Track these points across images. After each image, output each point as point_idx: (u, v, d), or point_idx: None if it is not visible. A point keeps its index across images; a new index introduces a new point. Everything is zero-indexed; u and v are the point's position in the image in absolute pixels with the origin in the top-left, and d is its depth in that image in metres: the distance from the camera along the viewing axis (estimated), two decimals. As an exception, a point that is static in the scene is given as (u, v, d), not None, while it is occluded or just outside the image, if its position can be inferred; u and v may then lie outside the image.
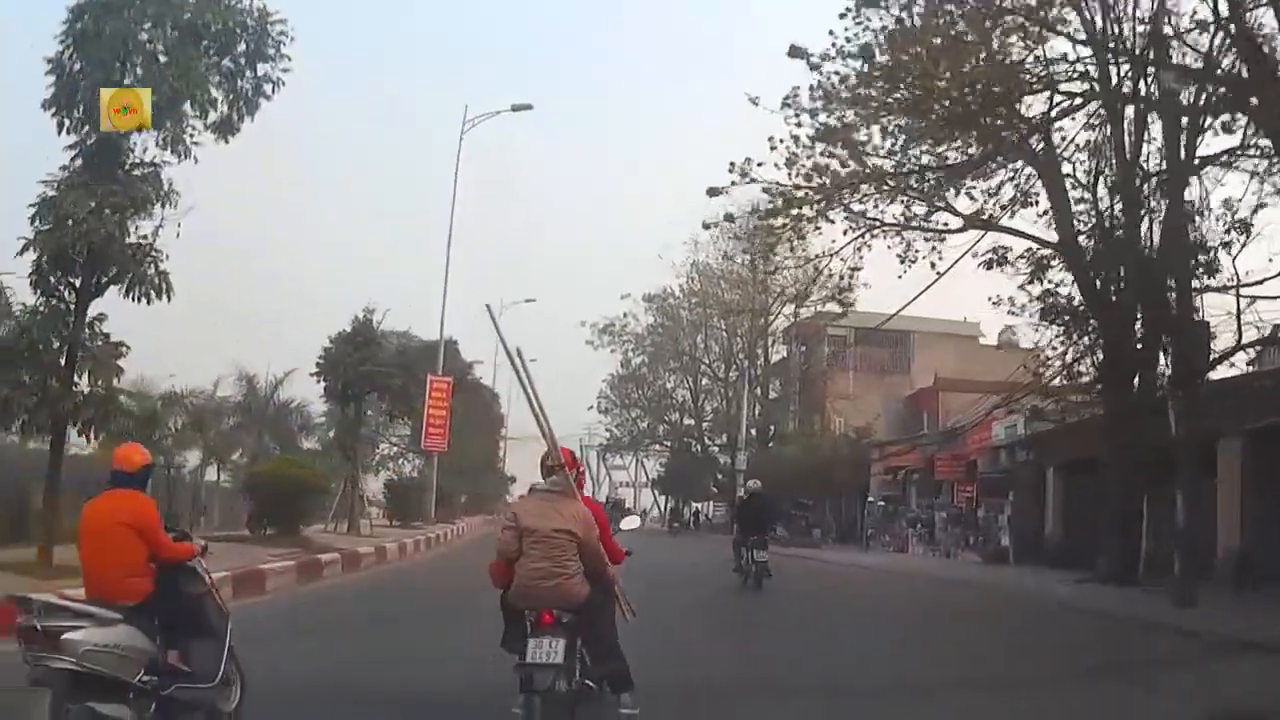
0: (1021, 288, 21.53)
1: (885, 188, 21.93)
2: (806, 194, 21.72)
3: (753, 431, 51.54)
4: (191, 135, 13.83)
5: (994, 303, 21.54)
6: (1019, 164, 22.46)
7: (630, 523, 9.79)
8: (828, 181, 21.48)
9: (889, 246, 23.05)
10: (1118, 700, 9.50)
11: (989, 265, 22.22)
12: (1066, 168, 22.04)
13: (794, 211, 22.15)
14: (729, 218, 25.34)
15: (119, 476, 6.46)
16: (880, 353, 57.93)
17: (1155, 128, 20.16)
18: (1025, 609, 18.81)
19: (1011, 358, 57.29)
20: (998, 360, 53.90)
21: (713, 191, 22.04)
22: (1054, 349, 21.71)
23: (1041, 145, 22.03)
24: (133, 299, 13.41)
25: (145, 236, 13.61)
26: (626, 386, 61.21)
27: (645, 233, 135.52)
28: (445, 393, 34.06)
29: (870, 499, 42.53)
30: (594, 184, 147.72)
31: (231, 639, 6.55)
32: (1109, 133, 21.28)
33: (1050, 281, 21.70)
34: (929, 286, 24.40)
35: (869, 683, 10.05)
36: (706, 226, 20.59)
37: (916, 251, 23.07)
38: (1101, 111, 21.11)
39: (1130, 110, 20.63)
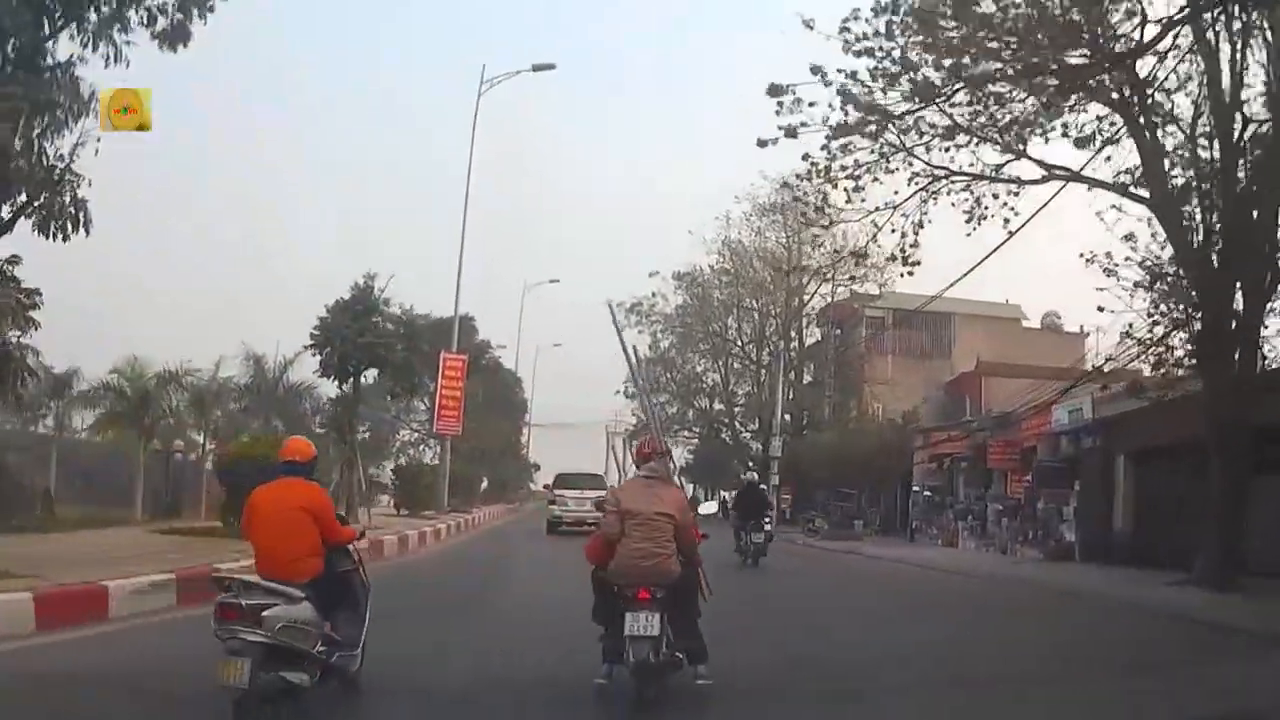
0: (1126, 239, 18.64)
1: (952, 129, 19.07)
2: (869, 131, 18.95)
3: (786, 417, 48.68)
4: (126, 38, 11.22)
5: (1086, 260, 18.54)
6: (1104, 110, 19.55)
7: (708, 508, 11.87)
8: (889, 123, 18.73)
9: (953, 204, 20.18)
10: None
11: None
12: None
13: (849, 159, 19.34)
14: (796, 183, 22.04)
15: (291, 466, 7.27)
16: (918, 336, 55.42)
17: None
18: (1110, 614, 16.19)
19: (1058, 341, 56.02)
20: (1042, 343, 53.06)
21: (762, 143, 19.25)
22: (1147, 316, 18.73)
23: (1127, 86, 19.15)
24: (46, 235, 10.85)
25: (61, 156, 11.05)
26: (654, 369, 58.47)
27: (675, 209, 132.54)
28: (460, 371, 31.67)
29: (916, 489, 39.75)
30: (620, 157, 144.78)
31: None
32: (1203, 68, 18.46)
33: (1138, 243, 18.88)
34: (999, 247, 21.53)
35: (910, 680, 9.00)
36: (762, 144, 17.77)
37: (985, 209, 20.19)
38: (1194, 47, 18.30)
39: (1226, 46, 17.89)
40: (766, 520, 23.62)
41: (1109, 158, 19.52)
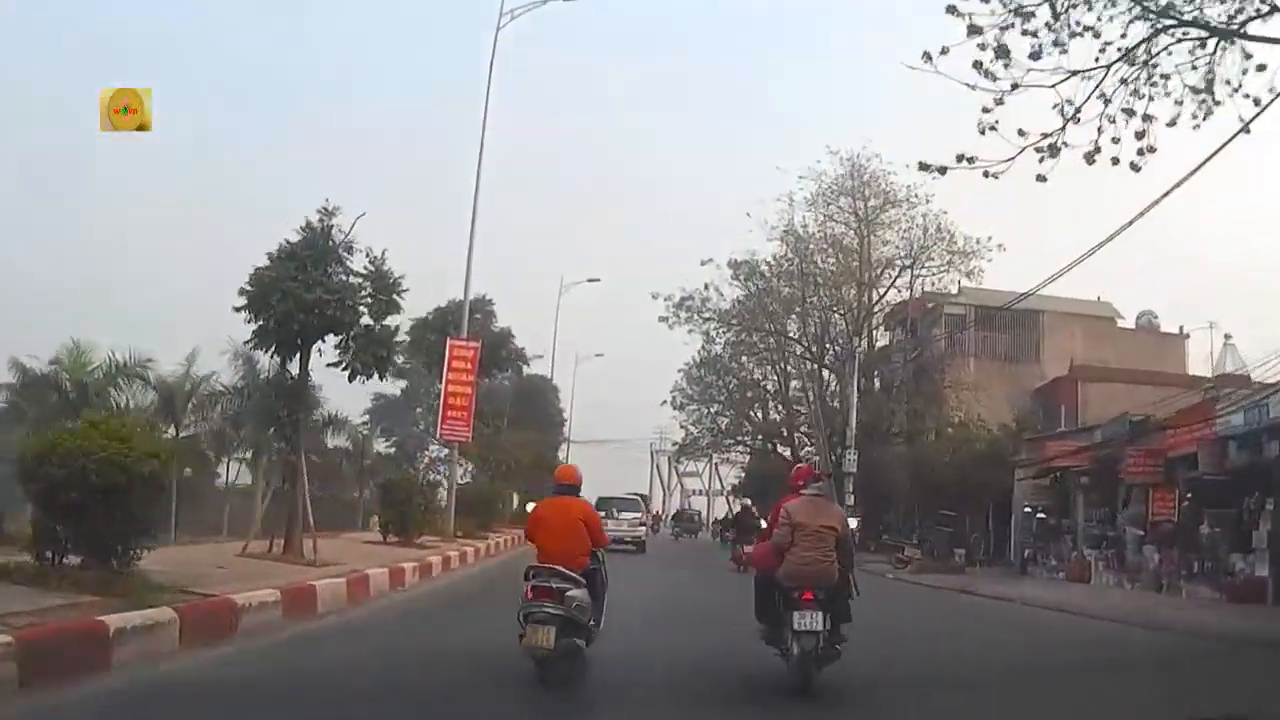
0: None
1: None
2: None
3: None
4: None
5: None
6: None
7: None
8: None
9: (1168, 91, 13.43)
10: None
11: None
12: None
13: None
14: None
15: (565, 487, 9.71)
16: (1002, 337, 48.76)
17: None
18: None
19: (1156, 342, 49.21)
20: (1137, 345, 46.29)
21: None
22: None
23: None
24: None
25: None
26: (707, 376, 51.90)
27: (729, 193, 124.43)
28: (470, 362, 25.60)
29: (1027, 509, 32.98)
30: (668, 133, 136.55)
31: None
32: None
33: None
34: (1230, 141, 14.64)
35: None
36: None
37: (1214, 97, 13.41)
38: None
39: None
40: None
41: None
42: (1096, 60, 12.87)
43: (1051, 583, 27.77)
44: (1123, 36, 12.87)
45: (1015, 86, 12.53)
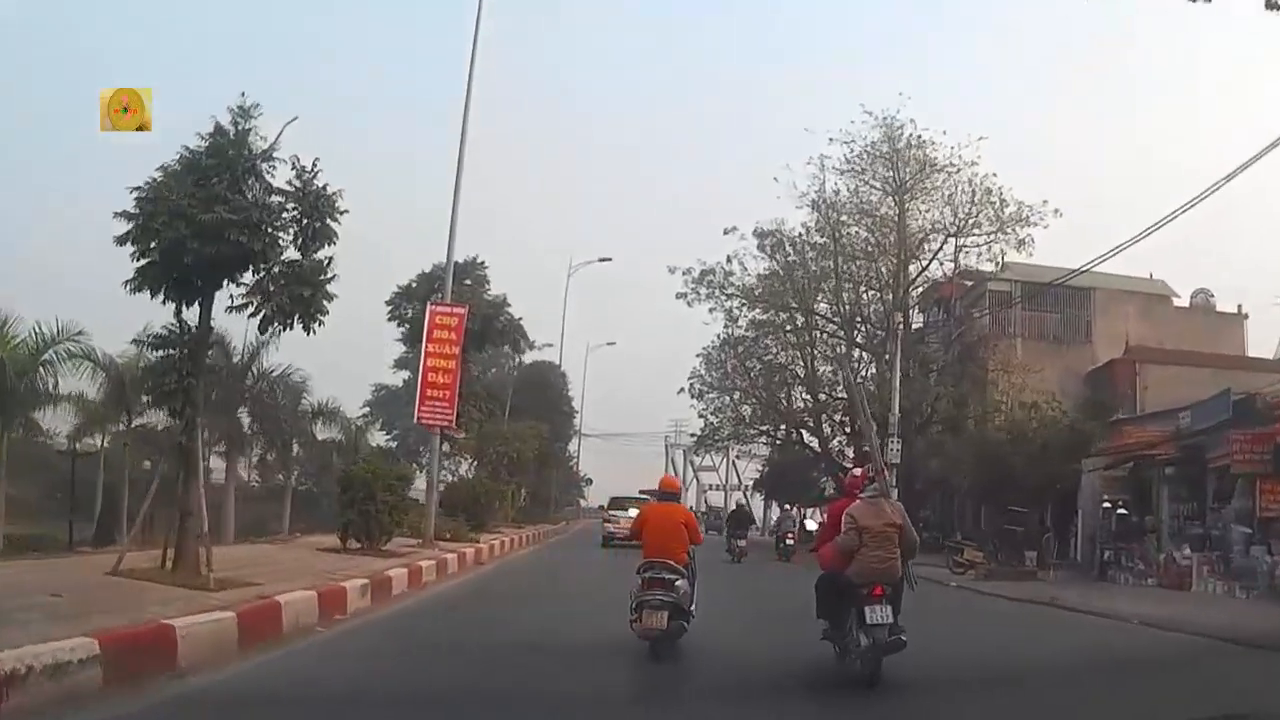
0: None
1: None
2: None
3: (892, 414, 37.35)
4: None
5: None
6: None
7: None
8: None
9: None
10: None
11: None
12: None
13: None
14: None
15: (668, 494, 12.02)
16: (1049, 317, 44.59)
17: None
18: None
19: (1213, 322, 44.96)
20: (1193, 325, 43.78)
21: None
22: None
23: None
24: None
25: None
26: (729, 361, 47.47)
27: (752, 168, 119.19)
28: (455, 332, 21.49)
29: (1105, 503, 28.69)
30: (686, 92, 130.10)
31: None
32: None
33: None
34: None
35: None
36: None
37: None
38: None
39: None
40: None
41: None
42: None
43: (1144, 591, 23.45)
44: None
45: None
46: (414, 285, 25.86)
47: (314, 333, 12.18)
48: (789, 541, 33.45)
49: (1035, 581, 24.71)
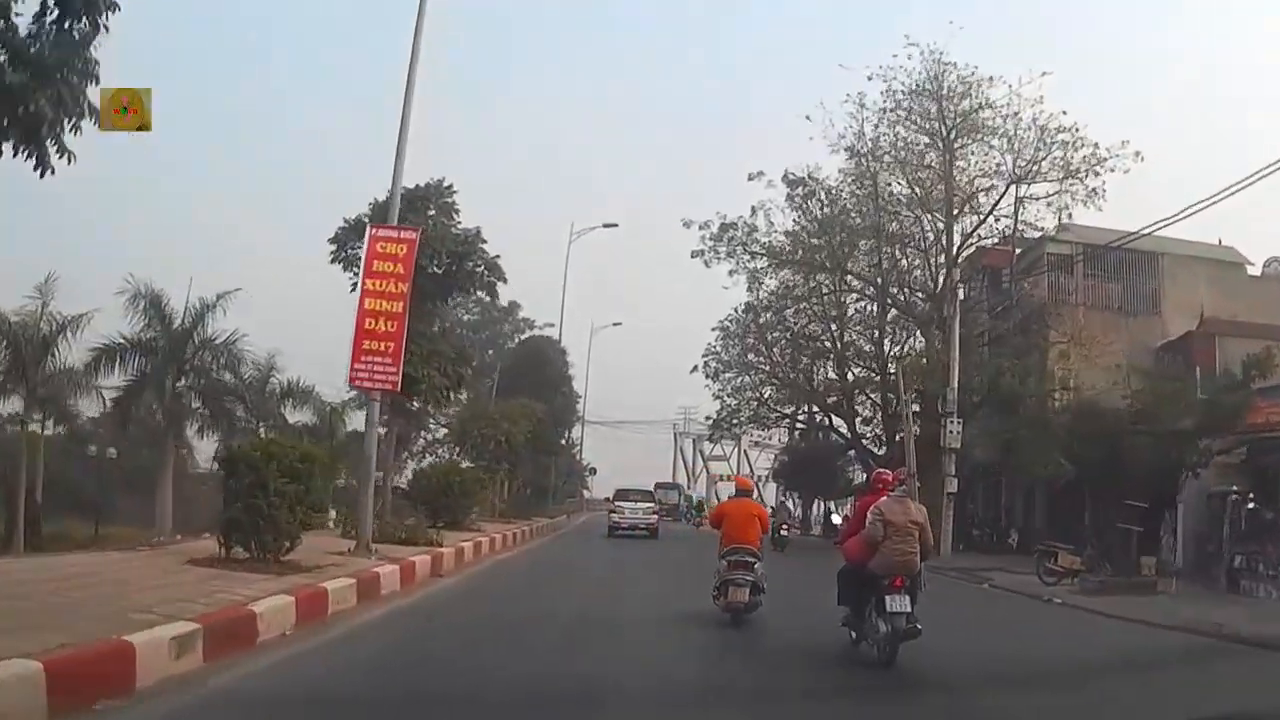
0: None
1: None
2: None
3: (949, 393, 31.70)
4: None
5: None
6: None
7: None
8: None
9: None
10: None
11: None
12: None
13: None
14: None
15: (743, 492, 14.40)
16: (1111, 286, 39.07)
17: None
18: None
19: None
20: (1266, 294, 38.86)
21: None
22: None
23: None
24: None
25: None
26: (750, 332, 41.96)
27: (781, 106, 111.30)
28: (403, 264, 15.96)
29: (1233, 494, 23.06)
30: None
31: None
32: None
33: None
34: None
35: None
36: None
37: None
38: None
39: None
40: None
41: None
42: None
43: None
44: None
45: None
46: (366, 219, 20.34)
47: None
48: (784, 532, 32.41)
49: (1155, 596, 19.21)
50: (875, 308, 40.36)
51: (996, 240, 37.60)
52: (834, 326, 40.88)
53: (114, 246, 79.26)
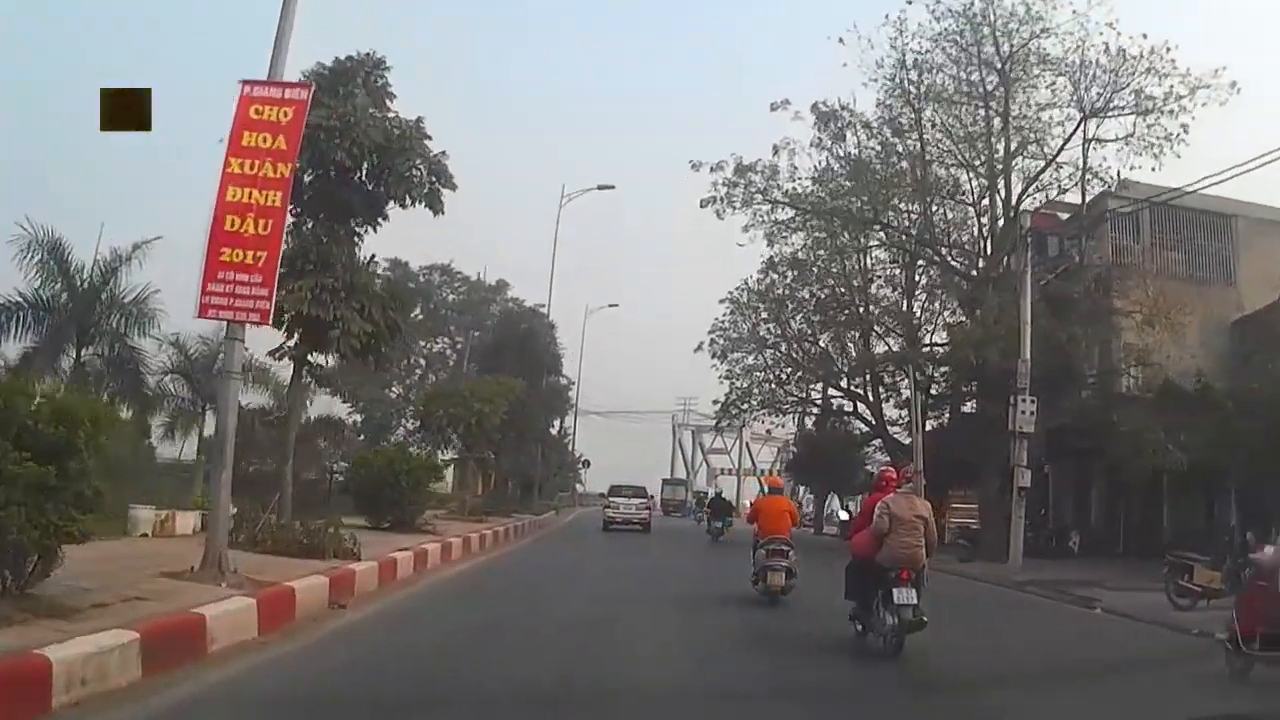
0: None
1: None
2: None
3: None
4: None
5: None
6: None
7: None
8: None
9: None
10: None
11: None
12: None
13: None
14: None
15: (775, 490, 17.59)
16: (1175, 256, 34.29)
17: None
18: None
19: None
20: None
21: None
22: None
23: None
24: None
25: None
26: (768, 295, 36.85)
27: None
28: (286, 137, 10.56)
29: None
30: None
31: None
32: None
33: None
34: None
35: None
36: None
37: None
38: None
39: None
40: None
41: None
42: None
43: None
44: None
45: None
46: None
47: None
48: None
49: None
50: (904, 275, 35.24)
51: (1065, 188, 31.98)
52: (859, 296, 35.59)
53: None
